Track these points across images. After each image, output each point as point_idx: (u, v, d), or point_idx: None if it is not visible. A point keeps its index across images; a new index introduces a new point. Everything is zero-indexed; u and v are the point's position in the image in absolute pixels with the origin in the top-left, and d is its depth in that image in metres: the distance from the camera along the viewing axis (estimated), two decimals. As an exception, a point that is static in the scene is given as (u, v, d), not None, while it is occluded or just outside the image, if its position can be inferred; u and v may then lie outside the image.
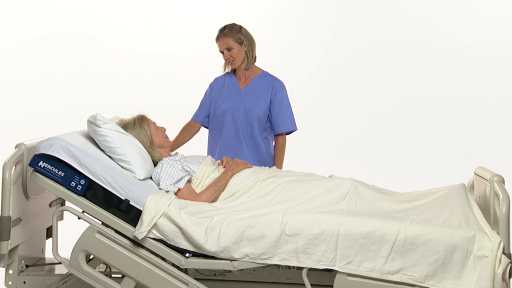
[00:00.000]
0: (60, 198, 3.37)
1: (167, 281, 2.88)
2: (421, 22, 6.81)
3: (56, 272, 3.27)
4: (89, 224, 2.94)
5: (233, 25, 3.80)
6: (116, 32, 6.79)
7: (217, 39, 3.80)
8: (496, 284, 2.67)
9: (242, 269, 2.95)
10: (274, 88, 3.86)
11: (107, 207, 2.92)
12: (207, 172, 3.22)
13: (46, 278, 3.18)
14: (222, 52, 3.81)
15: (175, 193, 3.04)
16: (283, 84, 3.90)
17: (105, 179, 2.91)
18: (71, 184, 2.91)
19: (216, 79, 3.98)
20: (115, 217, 2.91)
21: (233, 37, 3.75)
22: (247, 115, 3.81)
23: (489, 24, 6.77)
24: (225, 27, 3.79)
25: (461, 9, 6.81)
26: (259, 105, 3.82)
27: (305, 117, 5.03)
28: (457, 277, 2.71)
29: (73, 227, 3.16)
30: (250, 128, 3.82)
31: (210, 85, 3.98)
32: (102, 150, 3.13)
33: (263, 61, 3.98)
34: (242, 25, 3.82)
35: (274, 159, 3.89)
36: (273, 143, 3.96)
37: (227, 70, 3.94)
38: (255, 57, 3.86)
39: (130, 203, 2.90)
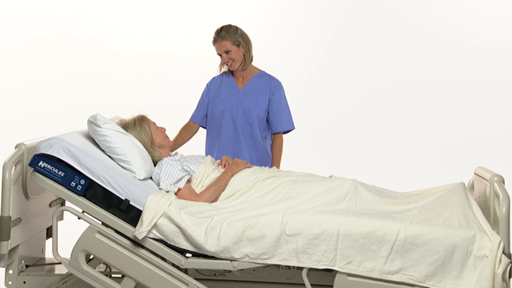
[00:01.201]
0: (60, 198, 3.37)
1: (167, 281, 2.88)
2: (421, 22, 6.82)
3: (56, 272, 3.27)
4: (89, 224, 2.94)
5: (229, 26, 3.77)
6: (116, 32, 6.79)
7: (214, 42, 3.77)
8: (496, 284, 2.67)
9: (242, 269, 2.95)
10: (272, 87, 3.85)
11: (107, 207, 2.92)
12: (206, 172, 3.22)
13: (46, 278, 3.18)
14: (220, 55, 3.79)
15: (175, 193, 3.04)
16: (280, 83, 3.89)
17: (105, 179, 2.91)
18: (71, 184, 2.91)
19: (213, 79, 3.97)
20: (115, 217, 2.91)
21: (231, 40, 3.73)
22: (246, 115, 3.80)
23: (489, 24, 6.78)
24: (221, 29, 3.76)
25: (461, 9, 6.81)
26: (258, 105, 3.82)
27: (305, 117, 5.04)
28: (457, 277, 2.71)
29: (73, 227, 3.16)
30: (250, 128, 3.82)
31: (207, 85, 3.97)
32: (102, 150, 3.13)
33: (263, 61, 3.98)
34: (238, 26, 3.80)
35: (272, 158, 3.89)
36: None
37: (223, 70, 3.93)
38: (252, 57, 3.85)
39: (130, 203, 2.90)
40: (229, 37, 3.72)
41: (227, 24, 3.78)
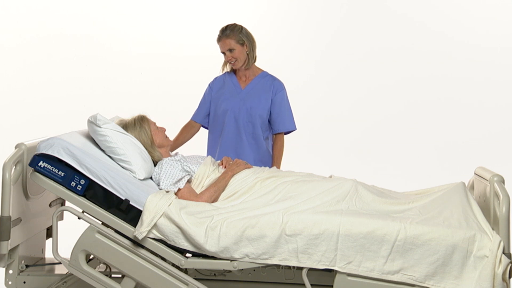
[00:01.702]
0: (60, 198, 3.38)
1: (167, 281, 2.88)
2: (421, 22, 6.81)
3: (56, 272, 3.27)
4: (89, 224, 2.94)
5: (234, 25, 3.79)
6: (116, 32, 6.79)
7: (219, 40, 3.78)
8: (496, 284, 2.67)
9: (242, 269, 2.95)
10: (275, 88, 3.87)
11: (107, 207, 2.92)
12: (207, 172, 3.22)
13: (46, 278, 3.19)
14: (223, 53, 3.80)
15: (175, 193, 3.04)
16: (283, 84, 3.91)
17: (105, 179, 2.91)
18: (71, 184, 2.91)
19: (215, 78, 3.98)
20: (115, 217, 2.91)
21: (235, 38, 3.74)
22: (248, 115, 3.81)
23: (490, 24, 6.77)
24: (226, 27, 3.78)
25: (461, 9, 6.81)
26: (261, 105, 3.82)
27: (305, 117, 5.03)
28: (457, 277, 2.71)
29: (73, 227, 3.16)
30: (252, 127, 3.82)
31: (209, 85, 3.97)
32: (102, 150, 3.13)
33: (263, 61, 3.99)
34: (243, 25, 3.82)
35: (272, 158, 3.89)
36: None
37: (226, 70, 3.94)
38: (255, 57, 3.86)
39: (130, 203, 2.90)
40: (234, 36, 3.73)
41: (232, 23, 3.80)
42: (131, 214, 2.91)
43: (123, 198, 2.90)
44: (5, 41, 6.65)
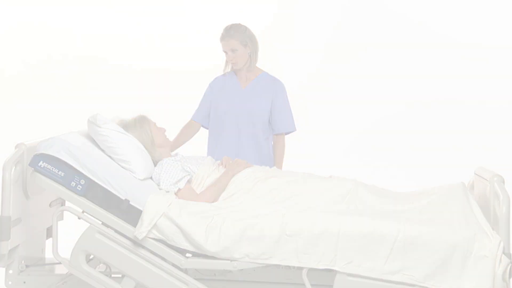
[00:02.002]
0: (60, 198, 3.37)
1: (167, 281, 2.88)
2: (422, 22, 6.82)
3: (56, 272, 3.27)
4: (89, 224, 2.94)
5: (239, 26, 3.77)
6: (117, 32, 6.79)
7: (222, 38, 3.77)
8: (496, 284, 2.67)
9: (242, 269, 2.95)
10: (275, 88, 3.86)
11: (107, 207, 2.92)
12: (207, 173, 3.22)
13: (46, 278, 3.19)
14: (225, 52, 3.80)
15: (175, 193, 3.04)
16: (283, 85, 3.90)
17: (105, 179, 2.91)
18: (71, 184, 2.91)
19: (216, 78, 3.98)
20: (115, 217, 2.91)
21: (239, 39, 3.73)
22: (249, 115, 3.81)
23: (490, 24, 6.77)
24: (231, 27, 3.76)
25: (461, 8, 6.81)
26: (261, 105, 3.82)
27: (305, 118, 5.03)
28: (457, 277, 2.71)
29: (73, 227, 3.16)
30: (252, 128, 3.82)
31: (210, 84, 3.97)
32: (103, 150, 3.13)
33: (262, 61, 3.98)
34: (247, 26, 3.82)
35: (274, 159, 3.89)
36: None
37: (226, 70, 3.94)
38: (257, 58, 3.86)
39: (130, 203, 2.90)
40: (238, 36, 3.72)
41: (237, 23, 3.79)
42: (131, 214, 2.90)
43: (123, 198, 2.91)
44: (5, 41, 6.65)
